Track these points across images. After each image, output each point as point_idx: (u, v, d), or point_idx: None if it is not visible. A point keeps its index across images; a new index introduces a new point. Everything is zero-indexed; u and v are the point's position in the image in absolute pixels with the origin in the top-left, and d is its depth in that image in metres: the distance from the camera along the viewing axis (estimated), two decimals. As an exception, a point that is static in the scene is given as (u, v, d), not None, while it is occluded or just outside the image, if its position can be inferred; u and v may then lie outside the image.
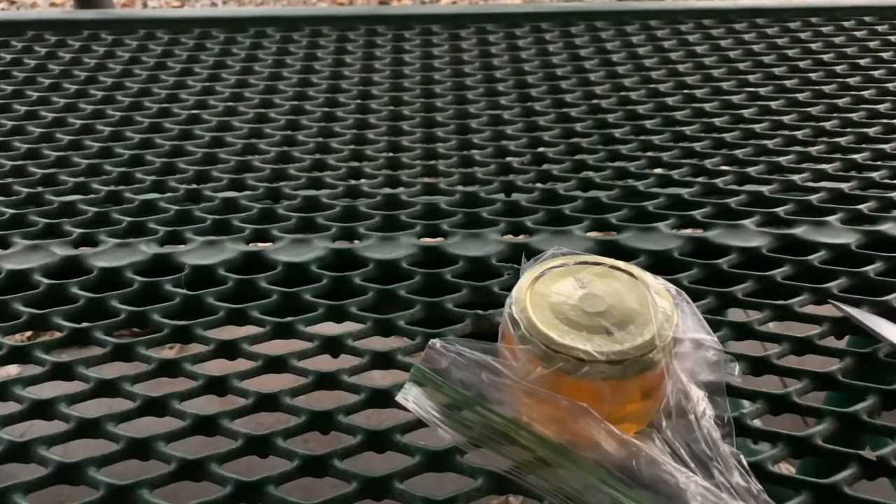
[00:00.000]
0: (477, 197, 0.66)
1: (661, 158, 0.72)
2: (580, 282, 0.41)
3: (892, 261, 0.57)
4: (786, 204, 0.64)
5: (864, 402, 0.45)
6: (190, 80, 0.89)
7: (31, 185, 0.69)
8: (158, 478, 0.42)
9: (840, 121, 0.79)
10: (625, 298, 0.41)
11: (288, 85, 0.88)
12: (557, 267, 0.43)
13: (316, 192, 0.67)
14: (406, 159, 0.73)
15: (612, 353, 0.37)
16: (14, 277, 0.57)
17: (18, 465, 0.43)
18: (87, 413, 0.46)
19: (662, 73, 0.90)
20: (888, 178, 0.68)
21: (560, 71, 0.91)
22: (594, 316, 0.39)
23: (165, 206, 0.65)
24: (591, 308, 0.40)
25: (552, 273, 0.42)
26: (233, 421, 0.45)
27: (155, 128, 0.79)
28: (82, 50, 0.98)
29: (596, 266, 0.43)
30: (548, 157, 0.73)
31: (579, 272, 0.42)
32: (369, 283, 0.56)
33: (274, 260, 0.58)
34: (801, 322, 0.52)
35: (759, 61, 0.93)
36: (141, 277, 0.56)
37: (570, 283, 0.41)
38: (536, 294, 0.40)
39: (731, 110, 0.81)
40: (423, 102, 0.84)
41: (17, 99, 0.85)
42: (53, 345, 0.51)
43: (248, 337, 0.51)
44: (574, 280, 0.42)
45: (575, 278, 0.42)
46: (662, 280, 0.44)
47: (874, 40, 0.99)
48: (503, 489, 0.40)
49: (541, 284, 0.41)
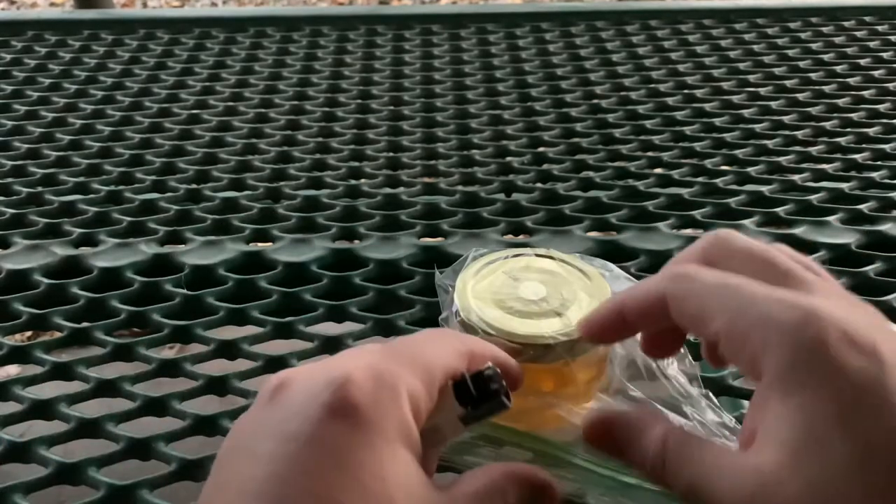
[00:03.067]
0: (477, 197, 0.66)
1: (661, 158, 0.72)
2: (511, 275, 0.42)
3: (892, 261, 0.57)
4: (786, 204, 0.64)
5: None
6: (190, 79, 0.89)
7: (32, 185, 0.69)
8: (158, 478, 0.42)
9: (840, 121, 0.79)
10: (558, 282, 0.41)
11: (288, 85, 0.88)
12: (484, 266, 0.43)
13: (316, 192, 0.67)
14: (406, 159, 0.73)
15: (572, 332, 0.37)
16: (14, 277, 0.57)
17: (18, 465, 0.43)
18: (87, 413, 0.46)
19: (662, 73, 0.90)
20: (888, 178, 0.68)
21: (560, 71, 0.91)
22: (539, 302, 0.40)
23: (165, 206, 0.65)
24: (533, 296, 0.40)
25: (482, 273, 0.42)
26: (233, 421, 0.45)
27: (155, 128, 0.79)
28: (82, 50, 0.98)
29: (521, 258, 0.44)
30: (548, 157, 0.73)
31: (506, 266, 0.43)
32: (369, 283, 0.56)
33: (274, 260, 0.58)
34: (801, 322, 0.52)
35: (760, 61, 0.93)
36: (141, 277, 0.56)
37: (503, 280, 0.42)
38: (478, 296, 0.40)
39: (731, 110, 0.81)
40: (423, 102, 0.84)
41: (17, 99, 0.85)
42: (53, 345, 0.51)
43: (248, 337, 0.51)
44: (504, 275, 0.42)
45: (505, 273, 0.42)
46: (584, 256, 0.45)
47: (874, 40, 0.99)
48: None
49: (478, 286, 0.41)
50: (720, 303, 0.29)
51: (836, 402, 0.25)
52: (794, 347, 0.26)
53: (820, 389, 0.25)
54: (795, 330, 0.26)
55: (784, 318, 0.27)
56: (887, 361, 0.26)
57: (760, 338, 0.27)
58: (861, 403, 0.25)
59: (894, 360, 0.26)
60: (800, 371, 0.26)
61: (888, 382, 0.25)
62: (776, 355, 0.27)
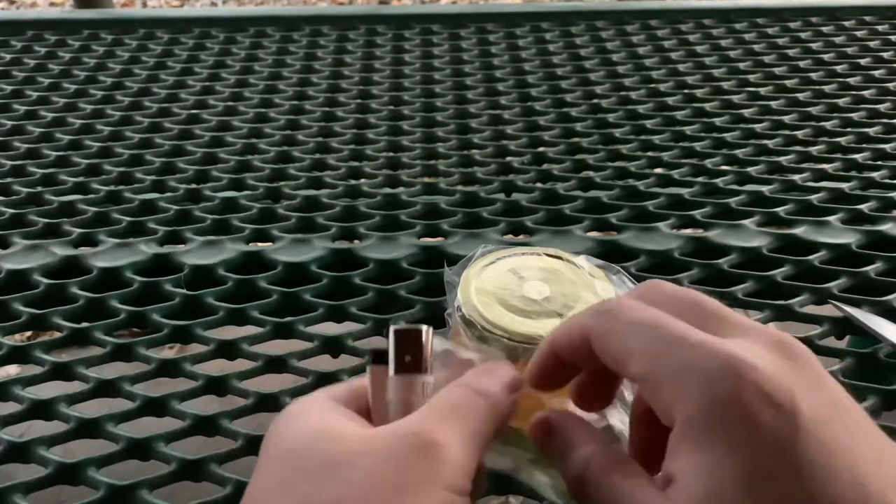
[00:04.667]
0: (477, 197, 0.66)
1: (661, 158, 0.72)
2: (517, 273, 0.42)
3: (892, 261, 0.57)
4: (786, 204, 0.64)
5: (864, 403, 0.45)
6: (190, 79, 0.89)
7: (31, 185, 0.69)
8: (158, 478, 0.42)
9: (840, 120, 0.79)
10: (563, 282, 0.41)
11: (288, 85, 0.88)
12: (491, 263, 0.43)
13: (316, 192, 0.67)
14: (406, 159, 0.73)
15: None
16: (14, 277, 0.57)
17: (18, 465, 0.43)
18: (87, 413, 0.46)
19: (662, 73, 0.90)
20: (888, 178, 0.68)
21: (560, 71, 0.91)
22: (541, 302, 0.40)
23: (165, 206, 0.65)
24: (536, 295, 0.40)
25: (488, 270, 0.42)
26: (233, 421, 0.45)
27: (155, 127, 0.79)
28: (82, 50, 0.98)
29: (528, 257, 0.43)
30: (548, 157, 0.73)
31: (512, 264, 0.43)
32: (369, 283, 0.55)
33: (274, 260, 0.58)
34: (801, 322, 0.52)
35: (760, 61, 0.93)
36: (141, 277, 0.56)
37: (507, 277, 0.42)
38: (481, 292, 0.41)
39: (731, 110, 0.81)
40: (423, 102, 0.84)
41: (17, 99, 0.85)
42: (53, 345, 0.51)
43: (248, 337, 0.51)
44: (510, 273, 0.42)
45: (510, 271, 0.42)
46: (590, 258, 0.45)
47: (874, 40, 0.99)
48: (503, 489, 0.40)
49: (483, 282, 0.41)
50: (640, 344, 0.28)
51: (747, 463, 0.25)
52: (709, 401, 0.26)
53: (731, 449, 0.25)
54: (710, 383, 0.26)
55: (701, 366, 0.26)
56: (803, 420, 0.25)
57: (675, 387, 0.26)
58: (772, 467, 0.24)
59: (812, 416, 0.25)
60: (713, 426, 0.25)
61: (800, 445, 0.24)
62: (690, 407, 0.26)
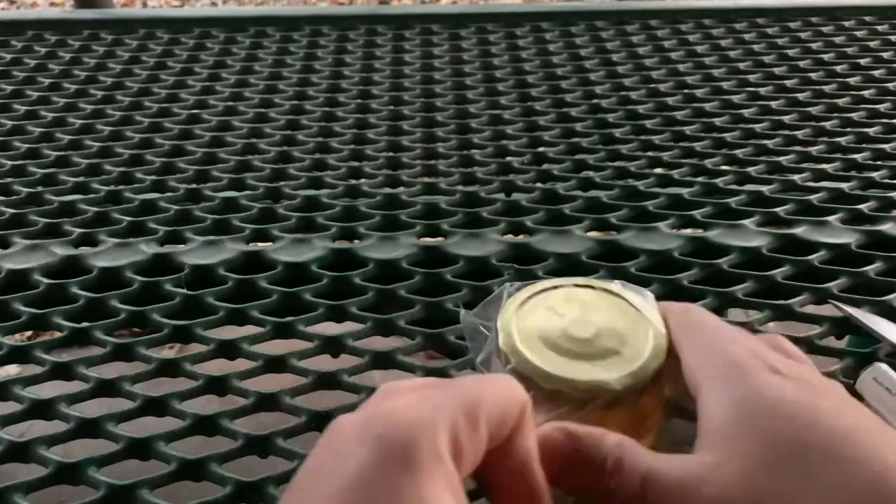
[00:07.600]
0: (477, 197, 0.66)
1: (661, 158, 0.72)
2: (554, 310, 0.38)
3: (892, 261, 0.57)
4: (786, 204, 0.64)
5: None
6: (190, 79, 0.89)
7: (31, 185, 0.69)
8: (158, 478, 0.42)
9: (840, 120, 0.79)
10: (604, 314, 0.38)
11: (288, 85, 0.88)
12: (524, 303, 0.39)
13: (316, 192, 0.67)
14: (406, 159, 0.73)
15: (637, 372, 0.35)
16: (14, 277, 0.57)
17: (18, 465, 0.43)
18: (87, 413, 0.46)
19: (662, 73, 0.90)
20: (888, 178, 0.68)
21: (560, 71, 0.91)
22: (592, 341, 0.36)
23: (165, 206, 0.65)
24: (584, 333, 0.36)
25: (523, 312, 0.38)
26: (233, 421, 0.45)
27: (155, 127, 0.79)
28: (82, 50, 0.98)
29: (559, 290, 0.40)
30: (548, 157, 0.73)
31: (547, 301, 0.39)
32: (369, 282, 0.55)
33: (274, 260, 0.58)
34: (801, 322, 0.52)
35: (760, 61, 0.93)
36: (141, 277, 0.56)
37: (545, 316, 0.38)
38: (525, 340, 0.36)
39: (731, 110, 0.81)
40: (423, 102, 0.84)
41: (17, 99, 0.85)
42: (53, 345, 0.51)
43: (248, 337, 0.51)
44: (547, 310, 0.38)
45: (547, 308, 0.38)
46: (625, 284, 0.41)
47: (874, 40, 0.99)
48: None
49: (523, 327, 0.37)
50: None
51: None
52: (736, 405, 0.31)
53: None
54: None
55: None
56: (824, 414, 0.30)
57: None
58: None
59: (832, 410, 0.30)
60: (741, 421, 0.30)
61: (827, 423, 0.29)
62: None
